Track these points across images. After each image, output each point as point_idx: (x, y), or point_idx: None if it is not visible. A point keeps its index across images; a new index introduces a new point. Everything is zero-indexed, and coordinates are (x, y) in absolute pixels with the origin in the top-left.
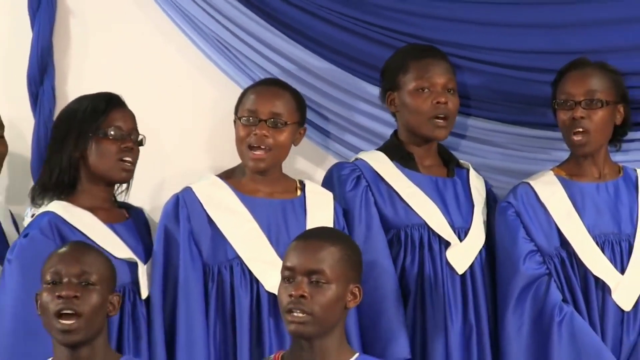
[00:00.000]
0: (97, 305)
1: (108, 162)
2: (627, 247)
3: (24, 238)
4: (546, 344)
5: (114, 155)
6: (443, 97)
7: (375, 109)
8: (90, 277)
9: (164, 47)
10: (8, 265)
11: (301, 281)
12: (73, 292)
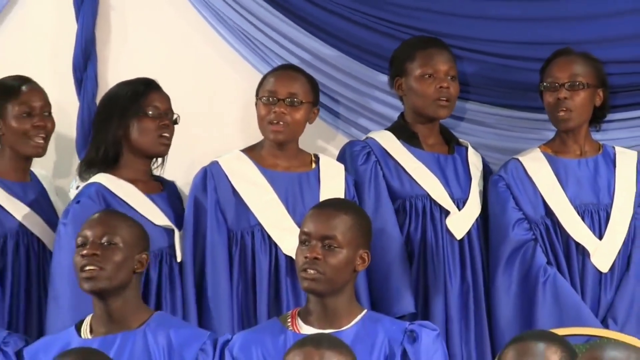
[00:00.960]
0: (119, 261)
1: (148, 138)
2: (605, 216)
3: (76, 204)
4: (532, 301)
5: (153, 132)
6: (445, 82)
7: (381, 93)
8: (112, 239)
9: (194, 39)
10: (63, 228)
11: (315, 245)
12: (93, 251)
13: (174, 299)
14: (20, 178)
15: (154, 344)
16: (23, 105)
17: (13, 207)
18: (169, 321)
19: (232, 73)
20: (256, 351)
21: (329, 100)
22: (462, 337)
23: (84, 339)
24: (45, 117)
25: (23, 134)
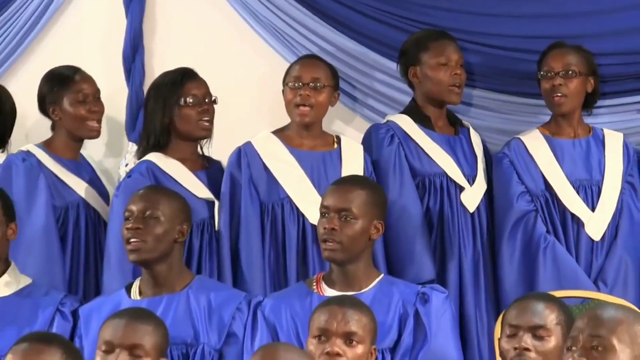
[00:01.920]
0: (159, 234)
1: (190, 124)
2: (597, 191)
3: (127, 178)
4: (533, 265)
5: (194, 118)
6: (458, 70)
7: (392, 79)
8: (154, 213)
9: (229, 32)
10: (115, 199)
11: (333, 217)
12: (136, 225)
13: (213, 264)
14: (73, 157)
15: (195, 304)
16: (77, 92)
17: (73, 182)
18: (209, 284)
19: (263, 63)
20: (285, 312)
21: (348, 85)
22: (475, 299)
23: (133, 300)
24: (97, 101)
25: (79, 118)
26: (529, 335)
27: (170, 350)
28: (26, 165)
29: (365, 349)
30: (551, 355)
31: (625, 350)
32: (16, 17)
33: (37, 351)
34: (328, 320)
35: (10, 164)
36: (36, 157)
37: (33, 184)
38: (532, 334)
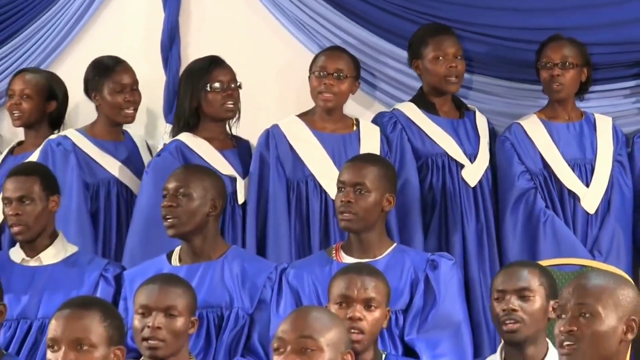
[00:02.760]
0: (192, 209)
1: (215, 107)
2: (590, 169)
3: (157, 157)
4: (534, 237)
5: (219, 102)
6: (454, 62)
7: (406, 67)
8: (187, 191)
9: (258, 26)
10: (145, 175)
11: (349, 191)
12: (170, 203)
13: (235, 233)
14: (113, 138)
15: (229, 272)
16: (116, 82)
17: (105, 161)
18: (243, 254)
19: (290, 53)
20: (307, 277)
21: (366, 73)
22: (479, 266)
23: (174, 266)
24: (134, 91)
25: (116, 106)
26: (515, 297)
27: (207, 313)
28: (60, 149)
29: (381, 313)
30: (536, 314)
31: (610, 314)
32: (64, 10)
33: (78, 315)
34: (348, 288)
35: (47, 148)
36: (71, 141)
37: (64, 166)
38: (518, 296)
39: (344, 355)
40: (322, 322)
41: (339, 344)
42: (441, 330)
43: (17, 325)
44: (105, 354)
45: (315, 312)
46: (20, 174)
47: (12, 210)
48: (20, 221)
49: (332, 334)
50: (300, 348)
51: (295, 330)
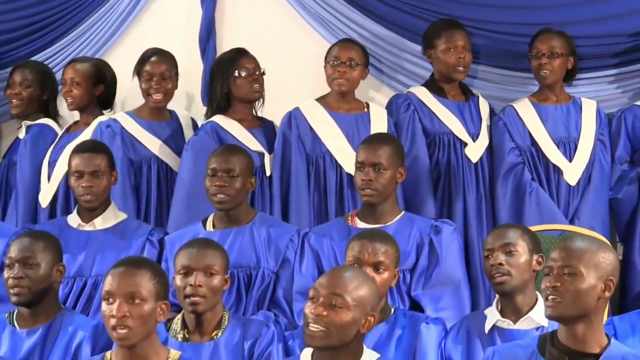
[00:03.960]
0: (239, 188)
1: (243, 91)
2: (574, 146)
3: (195, 136)
4: (521, 205)
5: (246, 86)
6: (462, 54)
7: (413, 57)
8: (234, 171)
9: (284, 20)
10: (185, 153)
11: (368, 170)
12: (220, 183)
13: (264, 202)
14: (157, 118)
15: (257, 236)
16: (147, 72)
17: (146, 140)
18: (269, 219)
19: (310, 44)
20: (326, 241)
21: (377, 62)
22: (477, 231)
23: (208, 232)
24: (164, 80)
25: (145, 91)
26: (502, 253)
27: (237, 272)
28: (108, 130)
29: (390, 274)
30: (521, 266)
31: (591, 273)
32: (115, 7)
33: (131, 273)
34: (360, 252)
35: (97, 129)
36: (120, 124)
37: (111, 145)
38: (503, 252)
39: (368, 316)
40: (353, 284)
41: (366, 305)
42: (443, 286)
43: (73, 282)
44: (153, 307)
45: (350, 273)
46: (89, 151)
47: (85, 182)
48: (91, 192)
49: (360, 295)
50: (330, 303)
51: (329, 286)
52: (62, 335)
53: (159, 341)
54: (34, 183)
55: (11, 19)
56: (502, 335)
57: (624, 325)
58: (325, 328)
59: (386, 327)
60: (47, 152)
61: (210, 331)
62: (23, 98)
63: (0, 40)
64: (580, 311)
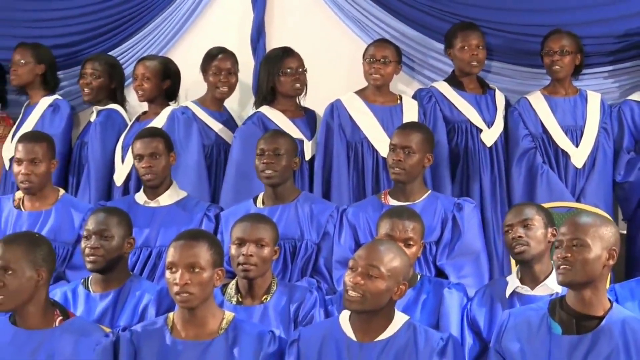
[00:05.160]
0: (285, 165)
1: (286, 88)
2: (580, 133)
3: (243, 125)
4: (533, 185)
5: (289, 84)
6: (476, 51)
7: (439, 55)
8: (279, 150)
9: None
10: (234, 140)
11: (399, 152)
12: (267, 160)
13: (304, 182)
14: (215, 108)
15: (301, 212)
16: (214, 67)
17: (216, 127)
18: (311, 198)
19: (348, 43)
20: (362, 216)
21: (407, 59)
22: (492, 208)
23: (258, 208)
24: (229, 75)
25: (212, 85)
26: (520, 227)
27: (284, 244)
28: (184, 117)
29: (418, 247)
30: (538, 238)
31: (596, 244)
32: (177, 11)
33: (191, 245)
34: (392, 230)
35: (173, 115)
36: (191, 110)
37: (188, 129)
38: (522, 226)
39: (400, 284)
40: (388, 256)
41: (398, 275)
42: (464, 256)
43: (140, 252)
44: (210, 274)
45: (385, 247)
46: (147, 136)
47: (145, 163)
48: (151, 172)
49: (394, 266)
50: (367, 273)
51: (366, 258)
52: (131, 298)
53: (216, 304)
54: (104, 161)
55: (86, 21)
56: (520, 300)
57: (624, 292)
58: (362, 295)
59: (413, 293)
60: (120, 137)
61: (261, 295)
62: (93, 87)
63: (76, 40)
64: (588, 278)
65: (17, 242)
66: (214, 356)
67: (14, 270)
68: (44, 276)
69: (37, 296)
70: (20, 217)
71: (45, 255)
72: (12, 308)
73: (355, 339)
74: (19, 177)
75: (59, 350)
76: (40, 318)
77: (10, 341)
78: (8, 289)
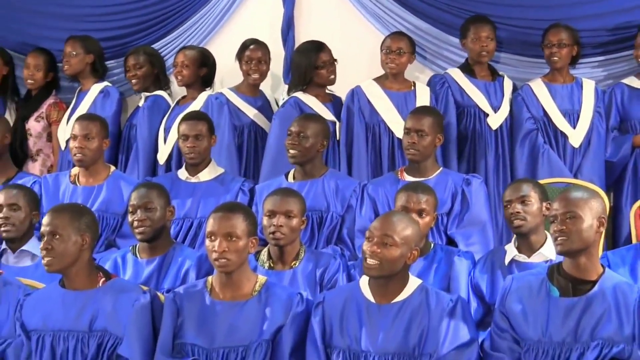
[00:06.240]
0: (308, 147)
1: (322, 79)
2: (577, 116)
3: (281, 108)
4: (535, 163)
5: (324, 75)
6: (485, 42)
7: (450, 47)
8: (305, 133)
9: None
10: (273, 121)
11: (413, 135)
12: (292, 141)
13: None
14: (250, 94)
15: (327, 187)
16: (247, 56)
17: (247, 110)
18: (337, 174)
19: (368, 36)
20: (381, 190)
21: (420, 50)
22: (495, 184)
23: (290, 182)
24: (260, 63)
25: (245, 72)
26: (518, 203)
27: (312, 215)
28: (217, 102)
29: (430, 217)
30: (534, 213)
31: (587, 214)
32: (214, 7)
33: (228, 216)
34: (407, 201)
35: (208, 101)
36: (225, 96)
37: (220, 113)
38: (520, 202)
39: (413, 250)
40: (400, 226)
41: (411, 242)
42: (472, 226)
43: (182, 222)
44: (245, 242)
45: (397, 217)
46: (193, 119)
47: (189, 143)
48: (194, 151)
49: (406, 234)
50: (382, 242)
51: (381, 228)
52: (174, 264)
53: (250, 268)
54: (150, 142)
55: (133, 15)
56: (518, 267)
57: (616, 258)
58: (379, 262)
59: (427, 259)
60: (163, 119)
61: (290, 261)
62: (139, 77)
63: (124, 33)
64: (583, 245)
65: (64, 211)
66: (248, 315)
67: (61, 235)
68: (88, 241)
69: (82, 259)
70: (76, 191)
71: (89, 223)
72: (59, 269)
73: (374, 301)
74: (73, 150)
75: (102, 307)
76: (85, 280)
77: (60, 302)
78: (56, 251)
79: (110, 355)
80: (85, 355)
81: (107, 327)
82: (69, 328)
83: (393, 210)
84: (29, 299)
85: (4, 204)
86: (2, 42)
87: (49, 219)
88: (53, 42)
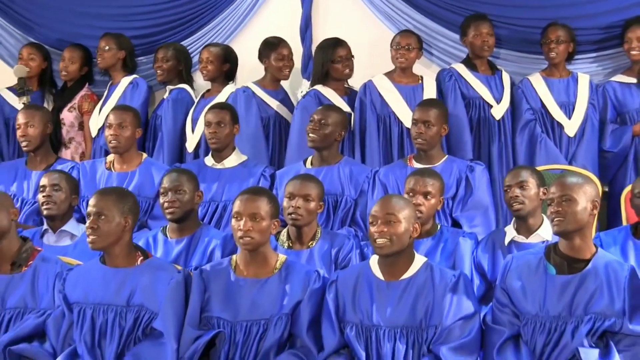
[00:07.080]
0: (327, 134)
1: (339, 74)
2: (572, 108)
3: (302, 99)
4: (533, 151)
5: (341, 70)
6: (485, 38)
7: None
8: (325, 121)
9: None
10: (296, 111)
11: (420, 125)
12: (312, 127)
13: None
14: (274, 88)
15: (342, 173)
16: (278, 54)
17: (270, 101)
18: (351, 162)
19: (379, 34)
20: (391, 176)
21: (427, 46)
22: (499, 170)
23: (308, 168)
24: (290, 59)
25: (278, 68)
26: (517, 188)
27: (327, 198)
28: (245, 94)
29: (436, 200)
30: (532, 197)
31: (581, 198)
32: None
33: (253, 199)
34: (415, 184)
35: (235, 94)
36: (251, 90)
37: (249, 105)
38: (518, 187)
39: (414, 224)
40: (399, 204)
41: (411, 217)
42: (475, 210)
43: (208, 206)
44: (268, 223)
45: (394, 198)
46: (218, 108)
47: (212, 129)
48: (215, 137)
49: (406, 211)
50: (386, 221)
51: (382, 209)
52: (201, 243)
53: (271, 248)
54: (174, 131)
55: (162, 15)
56: (517, 247)
57: (608, 239)
58: (389, 239)
59: (434, 239)
60: (190, 111)
61: (307, 241)
62: (164, 69)
63: (154, 31)
64: (578, 225)
65: (110, 194)
66: (269, 291)
67: (106, 216)
68: (130, 223)
69: (123, 239)
70: (111, 177)
71: (132, 206)
72: (102, 247)
73: (383, 279)
74: (108, 138)
75: (140, 284)
76: (125, 258)
77: (101, 278)
78: (100, 230)
79: (145, 328)
80: (122, 327)
81: (144, 302)
82: (108, 302)
83: (389, 194)
84: (72, 273)
85: (48, 185)
86: (43, 39)
87: (95, 200)
88: (89, 39)
